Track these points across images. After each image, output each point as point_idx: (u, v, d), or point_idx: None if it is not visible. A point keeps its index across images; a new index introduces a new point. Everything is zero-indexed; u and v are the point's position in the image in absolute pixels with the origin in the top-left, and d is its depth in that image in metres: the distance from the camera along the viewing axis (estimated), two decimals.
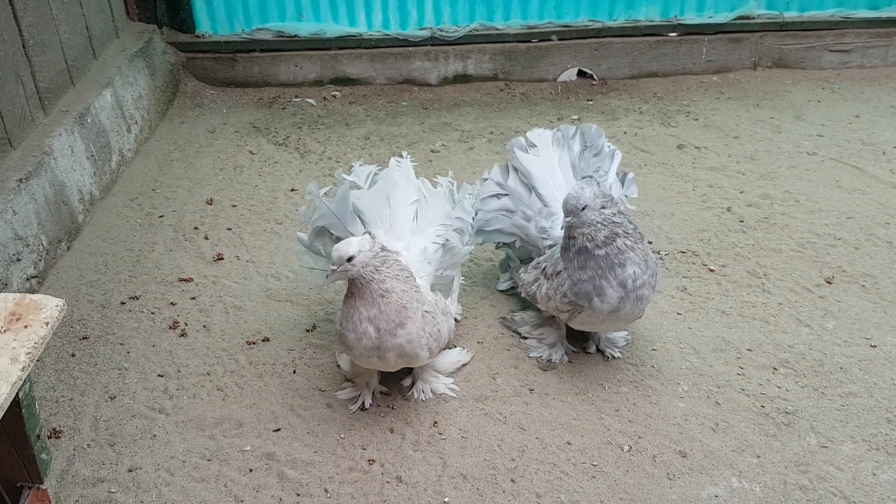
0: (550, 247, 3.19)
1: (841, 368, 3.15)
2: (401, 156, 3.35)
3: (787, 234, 4.10)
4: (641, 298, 2.87)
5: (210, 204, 4.38)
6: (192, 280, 3.69)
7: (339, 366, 3.12)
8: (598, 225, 2.77)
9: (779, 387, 3.05)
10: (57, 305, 2.01)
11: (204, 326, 3.39)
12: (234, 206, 4.38)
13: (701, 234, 4.11)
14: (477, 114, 5.56)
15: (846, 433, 2.83)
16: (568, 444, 2.79)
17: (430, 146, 5.07)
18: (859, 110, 5.56)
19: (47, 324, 1.95)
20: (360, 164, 3.32)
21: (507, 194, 3.47)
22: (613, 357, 3.22)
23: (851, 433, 2.83)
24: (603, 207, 2.79)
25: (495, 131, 5.28)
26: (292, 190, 4.55)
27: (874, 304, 3.55)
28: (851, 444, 2.78)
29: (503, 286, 3.63)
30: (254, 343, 3.28)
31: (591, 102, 5.77)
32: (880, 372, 3.13)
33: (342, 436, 2.81)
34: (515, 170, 3.51)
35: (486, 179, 3.56)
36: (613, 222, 2.78)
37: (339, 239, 3.09)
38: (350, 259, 2.55)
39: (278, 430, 2.84)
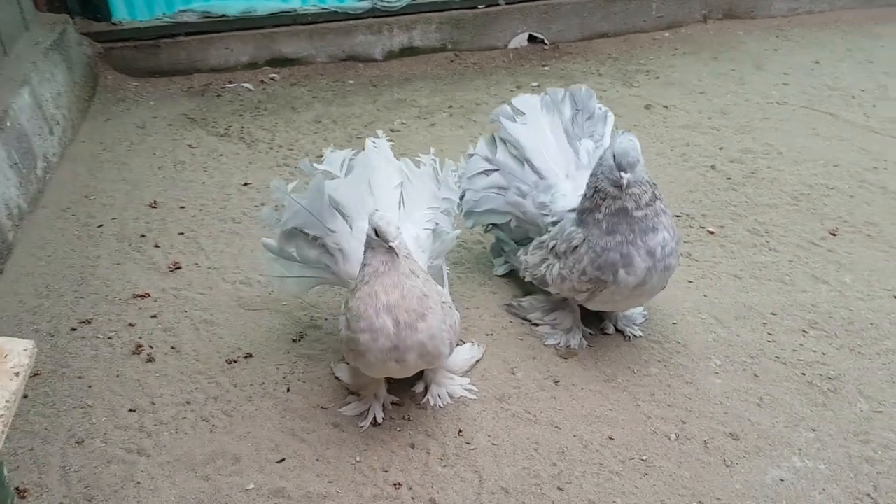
0: (555, 223, 2.89)
1: (871, 325, 2.98)
2: (375, 136, 2.99)
3: (779, 187, 3.93)
4: (668, 269, 2.63)
5: (154, 207, 3.91)
6: (148, 295, 3.24)
7: (338, 378, 2.76)
8: (646, 184, 2.52)
9: (814, 351, 2.86)
10: (26, 350, 1.59)
11: (172, 348, 2.96)
12: (182, 207, 3.92)
13: (690, 195, 3.90)
14: (431, 88, 5.20)
15: None
16: (610, 438, 2.52)
17: (389, 125, 4.69)
18: (817, 56, 5.47)
19: (17, 374, 1.53)
20: (332, 151, 2.93)
21: (496, 170, 3.15)
22: (634, 336, 2.96)
23: None
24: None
25: (454, 105, 4.94)
26: (245, 184, 4.11)
27: (885, 253, 3.40)
28: None
29: (500, 271, 3.32)
30: (234, 361, 2.88)
31: (546, 68, 5.48)
32: None
33: (358, 459, 2.46)
34: (504, 142, 3.19)
35: (471, 155, 3.23)
36: (653, 182, 2.53)
37: (315, 239, 2.72)
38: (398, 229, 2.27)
39: (282, 460, 2.46)
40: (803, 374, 2.75)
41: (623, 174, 2.47)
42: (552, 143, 3.11)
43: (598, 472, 2.40)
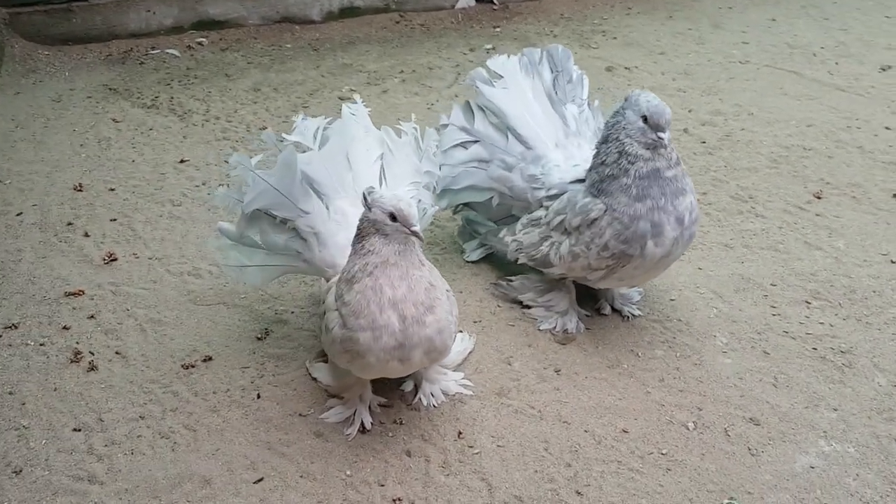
0: (551, 197, 2.63)
1: (874, 292, 2.84)
2: (352, 101, 2.65)
3: (755, 150, 3.77)
4: (692, 237, 2.47)
5: (80, 190, 3.45)
6: (83, 293, 2.83)
7: (315, 379, 2.44)
8: (671, 143, 2.36)
9: (821, 323, 2.70)
10: None
11: (117, 353, 2.57)
12: (112, 189, 3.48)
13: None
14: (378, 51, 4.83)
15: None
16: (624, 432, 2.30)
17: (337, 93, 4.32)
18: (773, 13, 5.34)
19: None
20: (303, 119, 2.58)
21: (476, 141, 2.86)
22: (633, 316, 2.74)
23: None
24: None
25: (405, 69, 4.59)
26: (181, 161, 3.69)
27: (873, 215, 3.28)
28: None
29: (474, 256, 3.00)
30: (192, 366, 2.52)
31: (498, 30, 5.18)
32: None
33: (348, 473, 2.16)
34: (482, 109, 2.90)
35: (445, 125, 2.92)
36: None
37: (284, 222, 2.38)
38: None
39: (260, 480, 2.14)
40: (815, 348, 2.59)
41: (661, 134, 2.28)
42: (537, 109, 2.83)
43: (616, 470, 2.18)
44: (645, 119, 2.31)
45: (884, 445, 2.25)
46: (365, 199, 2.00)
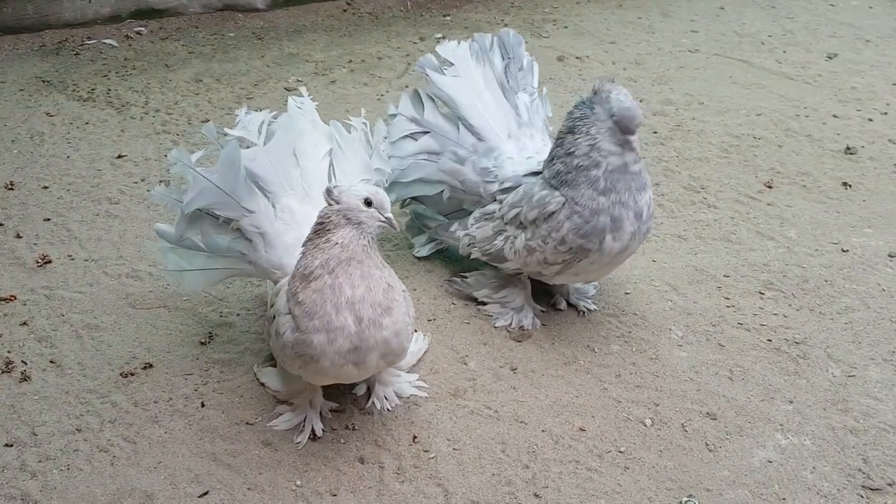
0: (505, 190, 2.57)
1: (826, 282, 2.85)
2: (298, 94, 2.54)
3: (706, 139, 3.77)
4: (648, 231, 2.45)
5: (11, 189, 3.27)
6: (14, 298, 2.68)
7: (263, 385, 2.35)
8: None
9: (774, 314, 2.70)
10: None
11: (52, 362, 2.44)
12: (46, 187, 3.30)
13: None
14: (326, 40, 4.70)
15: (865, 355, 2.53)
16: (581, 430, 2.25)
17: (283, 83, 4.19)
18: (721, 2, 5.36)
19: None
20: (247, 112, 2.47)
21: (426, 132, 2.78)
22: (589, 310, 2.70)
23: (870, 354, 2.53)
24: None
25: (354, 59, 4.48)
26: (119, 157, 3.53)
27: (823, 204, 3.30)
28: (876, 368, 2.48)
29: (423, 252, 2.92)
30: (131, 374, 2.40)
31: (448, 18, 5.09)
32: (863, 278, 2.87)
33: (299, 483, 2.07)
34: (432, 99, 2.82)
35: (394, 115, 2.83)
36: None
37: (228, 221, 2.28)
38: None
39: (206, 493, 2.04)
40: (769, 340, 2.58)
41: (631, 137, 2.23)
42: (488, 98, 2.76)
43: (575, 470, 2.13)
44: (614, 119, 2.25)
45: (839, 437, 2.25)
46: (329, 193, 1.91)
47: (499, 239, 2.52)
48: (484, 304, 2.68)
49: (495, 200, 2.60)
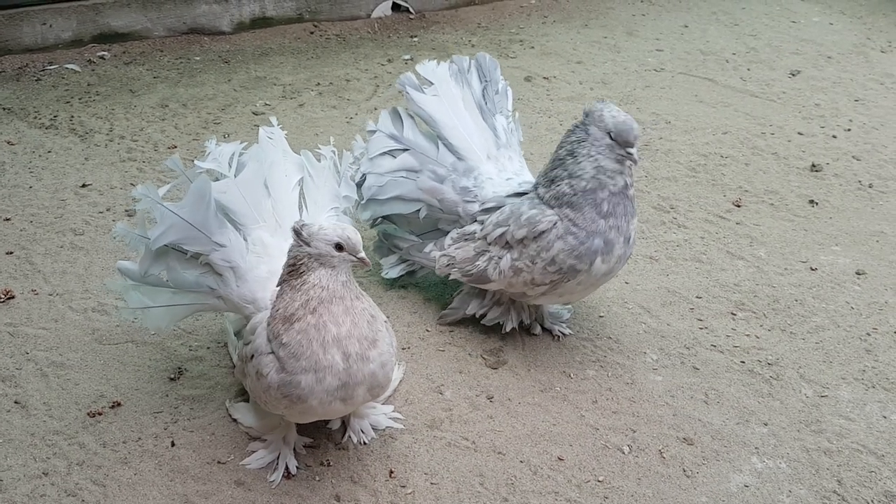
0: (487, 210, 2.55)
1: (796, 301, 2.88)
2: (268, 124, 2.51)
3: (674, 158, 3.80)
4: (629, 257, 2.49)
5: None
6: None
7: (235, 421, 2.30)
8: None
9: (747, 335, 2.72)
10: None
11: (16, 402, 2.37)
12: (8, 219, 3.23)
13: None
14: (293, 63, 4.67)
15: (836, 375, 2.55)
16: (559, 459, 2.24)
17: (251, 107, 4.15)
18: (685, 20, 5.43)
19: None
20: (216, 144, 2.42)
21: (405, 149, 2.76)
22: (563, 335, 2.70)
23: (841, 374, 2.56)
24: None
25: (322, 82, 4.45)
26: (83, 186, 3.46)
27: (790, 222, 3.34)
28: (847, 388, 2.50)
29: (393, 273, 2.87)
30: (99, 413, 2.34)
31: (416, 39, 5.09)
32: (832, 297, 2.90)
33: None
34: (411, 116, 2.81)
35: (372, 132, 2.81)
36: None
37: (197, 255, 2.23)
38: None
39: None
40: (742, 362, 2.60)
41: (630, 150, 2.28)
42: (468, 119, 2.76)
43: (554, 502, 2.12)
44: (611, 135, 2.27)
45: (814, 459, 2.26)
46: (298, 234, 1.88)
47: (481, 260, 2.51)
48: (484, 316, 2.65)
49: (476, 221, 2.59)
